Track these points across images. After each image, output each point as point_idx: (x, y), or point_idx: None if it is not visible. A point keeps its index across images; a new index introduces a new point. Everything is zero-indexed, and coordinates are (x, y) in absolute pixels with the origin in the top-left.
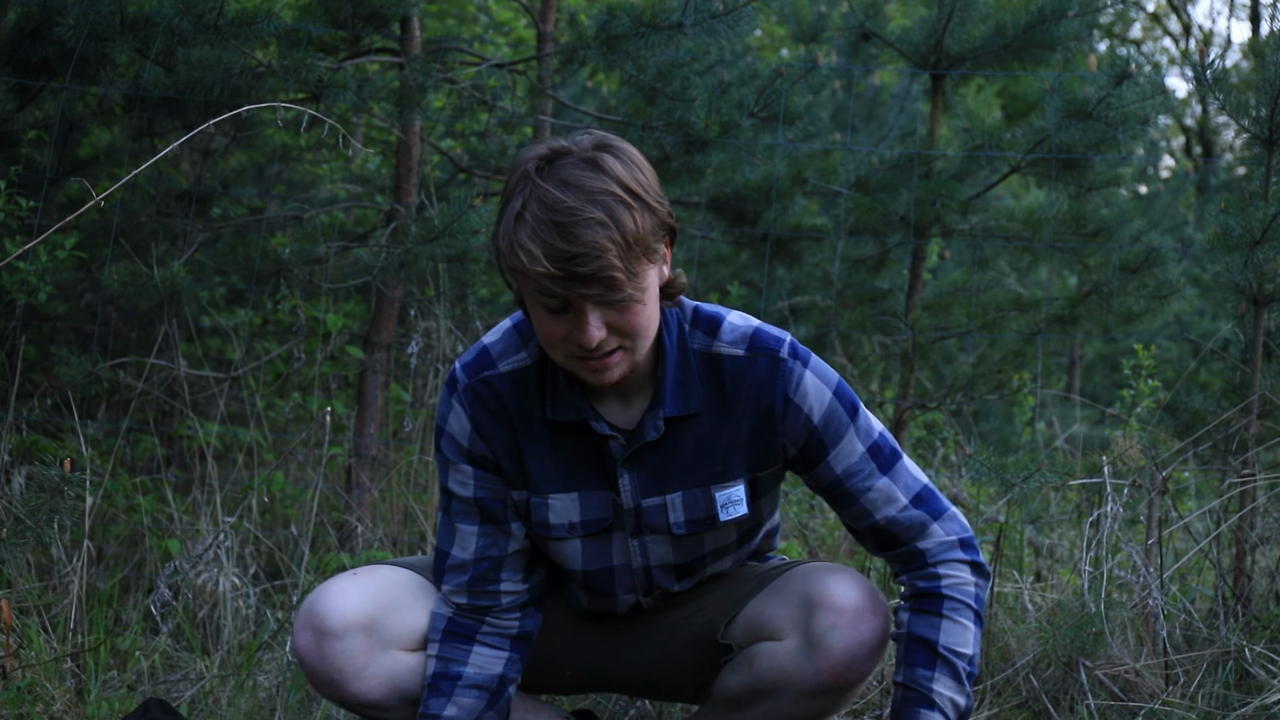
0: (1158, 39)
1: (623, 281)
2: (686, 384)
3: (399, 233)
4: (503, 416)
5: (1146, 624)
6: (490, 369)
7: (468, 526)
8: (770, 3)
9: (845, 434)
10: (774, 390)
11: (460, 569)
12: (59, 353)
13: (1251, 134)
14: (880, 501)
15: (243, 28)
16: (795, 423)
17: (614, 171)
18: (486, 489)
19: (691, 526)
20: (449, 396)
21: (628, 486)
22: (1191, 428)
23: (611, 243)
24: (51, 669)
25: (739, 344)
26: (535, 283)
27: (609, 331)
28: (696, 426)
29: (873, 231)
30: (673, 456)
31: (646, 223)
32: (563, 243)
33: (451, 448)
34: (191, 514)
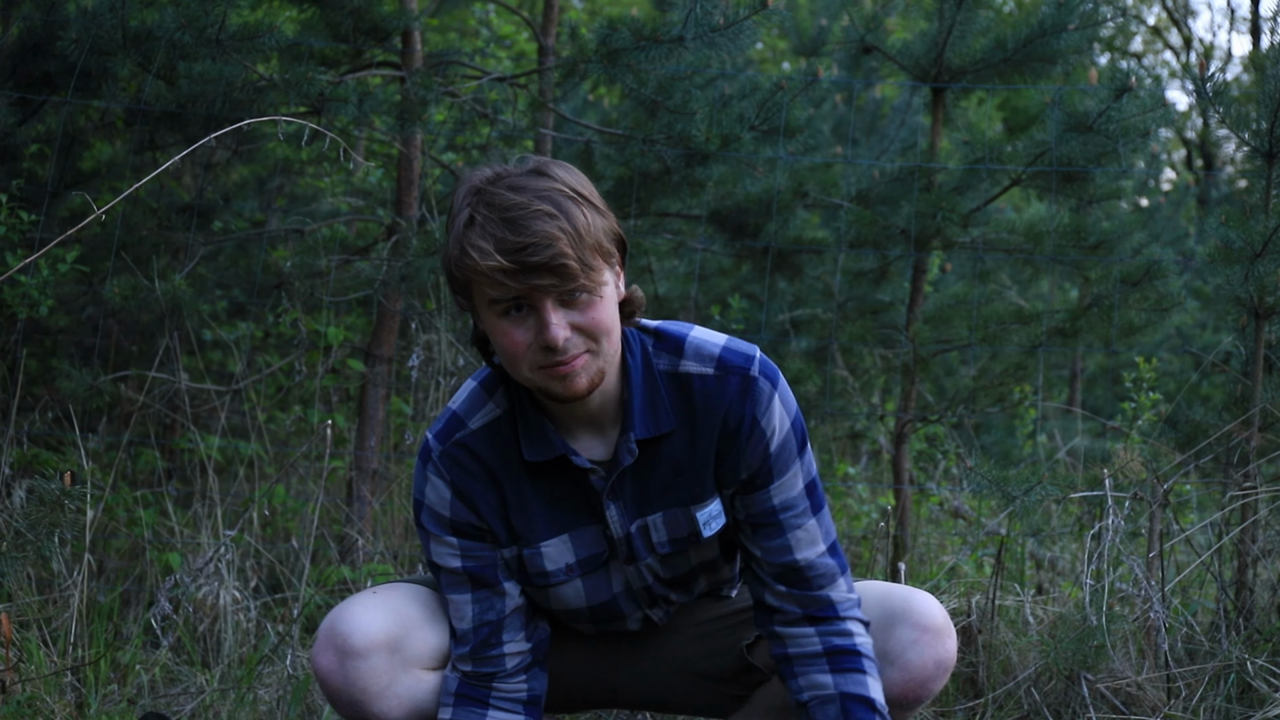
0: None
1: (576, 270)
2: (655, 405)
3: (400, 246)
4: (483, 475)
5: (1148, 637)
6: (461, 430)
7: (460, 596)
8: (771, 16)
9: (792, 467)
10: (743, 409)
11: (462, 639)
12: (60, 366)
13: (1252, 147)
14: (805, 542)
15: (244, 41)
16: (756, 446)
17: (559, 176)
18: (474, 557)
19: (675, 545)
20: (424, 468)
21: (615, 517)
22: (1193, 440)
23: (561, 232)
24: (51, 683)
25: (707, 363)
26: (489, 280)
27: (573, 331)
28: (669, 447)
29: (874, 244)
30: (650, 479)
31: (596, 221)
32: (513, 235)
33: (432, 520)
34: (192, 527)
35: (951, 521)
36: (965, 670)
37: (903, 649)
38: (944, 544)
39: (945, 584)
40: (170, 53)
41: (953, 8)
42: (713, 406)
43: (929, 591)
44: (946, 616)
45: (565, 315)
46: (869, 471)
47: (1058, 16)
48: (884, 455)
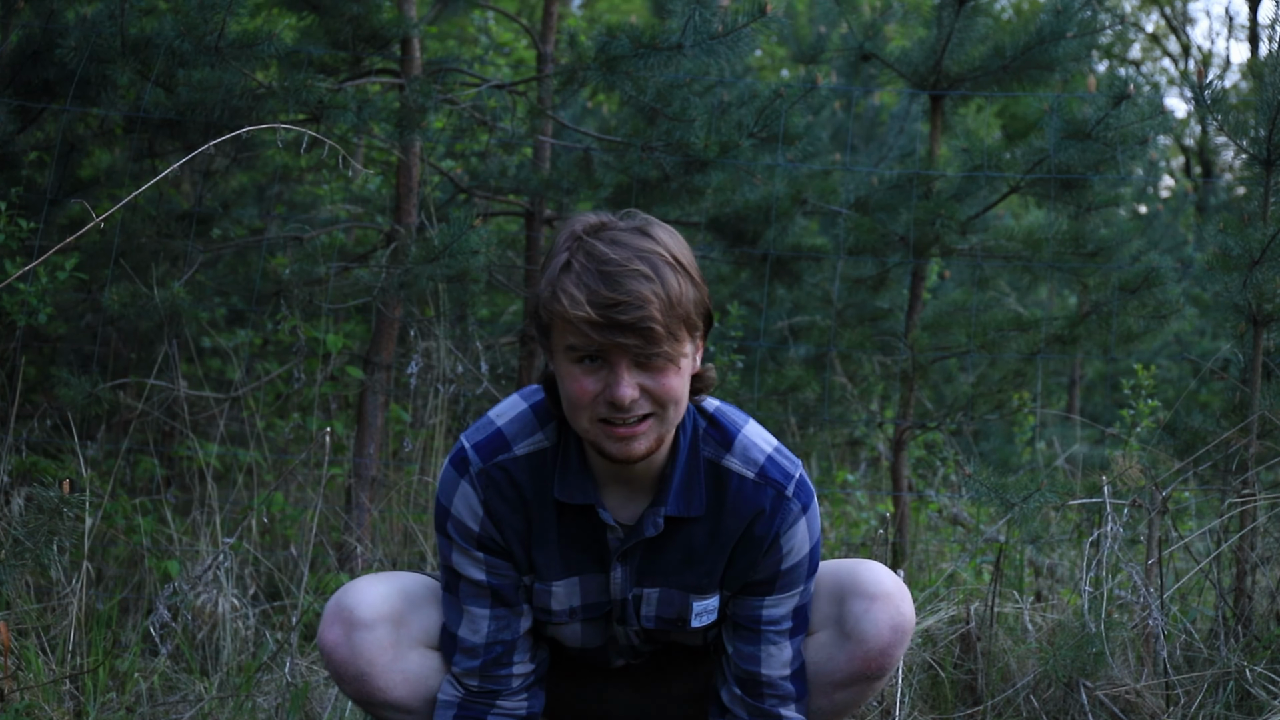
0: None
1: (661, 336)
2: (691, 487)
3: (399, 253)
4: (517, 502)
5: (1147, 644)
6: (505, 452)
7: (479, 609)
8: (769, 24)
9: (794, 589)
10: (771, 524)
11: (471, 653)
12: (59, 374)
13: (1250, 154)
14: (775, 660)
15: (243, 49)
16: (770, 561)
17: (662, 239)
18: (499, 575)
19: (660, 624)
20: (458, 478)
21: (619, 579)
22: (1191, 447)
23: (655, 296)
24: (50, 691)
25: (750, 466)
26: (574, 329)
27: (641, 394)
28: (689, 532)
29: (872, 251)
30: (661, 556)
31: (689, 292)
32: (607, 289)
33: (460, 532)
34: (191, 535)
35: (950, 528)
36: (964, 677)
37: (856, 620)
38: (943, 551)
39: (944, 591)
40: (169, 60)
41: (951, 15)
42: (742, 510)
43: (930, 598)
44: (898, 581)
45: (638, 377)
46: (868, 478)
47: (1056, 24)
48: (883, 462)
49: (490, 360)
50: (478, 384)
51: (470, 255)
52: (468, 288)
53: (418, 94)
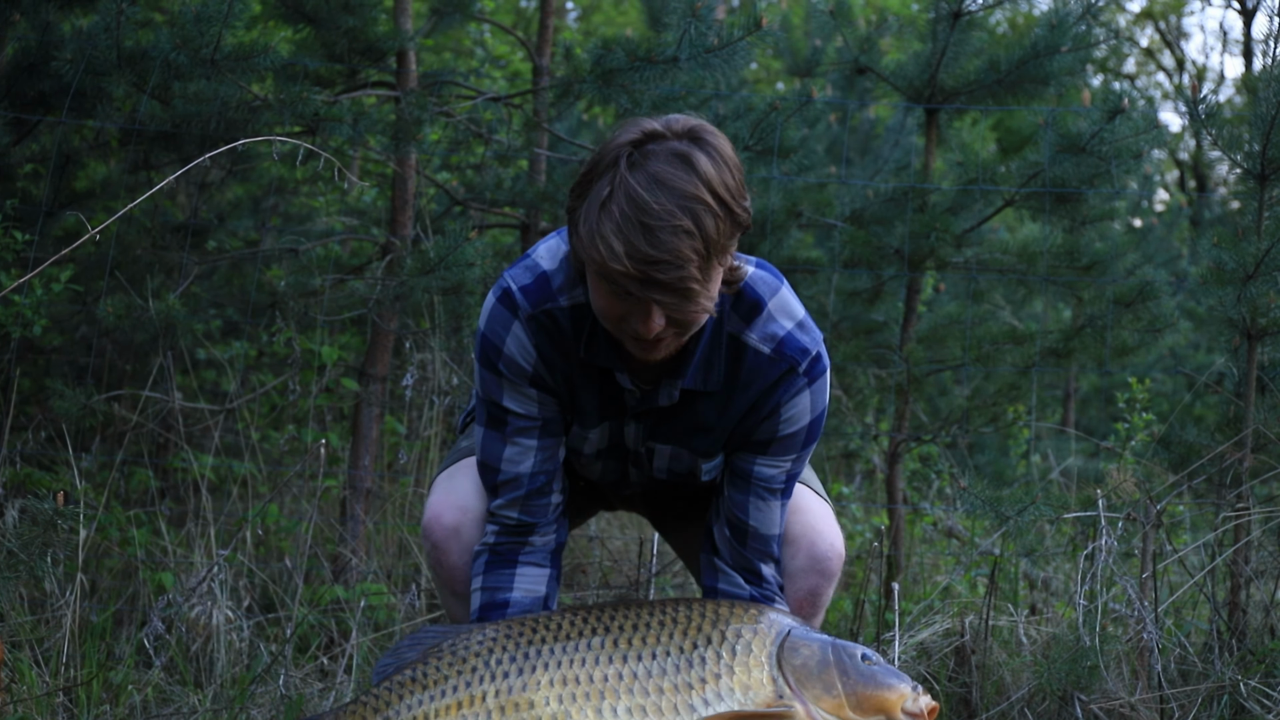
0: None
1: (698, 293)
2: (712, 363)
3: (394, 265)
4: (563, 346)
5: (1141, 658)
6: (552, 301)
7: (527, 441)
8: (765, 37)
9: (788, 455)
10: (774, 395)
11: (514, 484)
12: (54, 385)
13: (1244, 169)
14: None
15: (239, 62)
16: (769, 426)
17: (705, 173)
18: (548, 409)
19: (673, 476)
20: (508, 317)
21: (632, 433)
22: (1186, 461)
23: (694, 253)
24: (44, 703)
25: (768, 342)
26: (609, 277)
27: (667, 323)
28: (704, 403)
29: (867, 264)
30: (674, 421)
31: (726, 227)
32: (647, 245)
33: (512, 370)
34: (185, 547)
35: (945, 541)
36: (959, 691)
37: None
38: (938, 564)
39: (939, 604)
40: (165, 73)
41: (946, 29)
42: (753, 382)
43: (924, 611)
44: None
45: (664, 311)
46: (863, 491)
47: (1051, 38)
48: (878, 475)
49: None
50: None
51: (466, 267)
52: (463, 300)
53: (413, 106)
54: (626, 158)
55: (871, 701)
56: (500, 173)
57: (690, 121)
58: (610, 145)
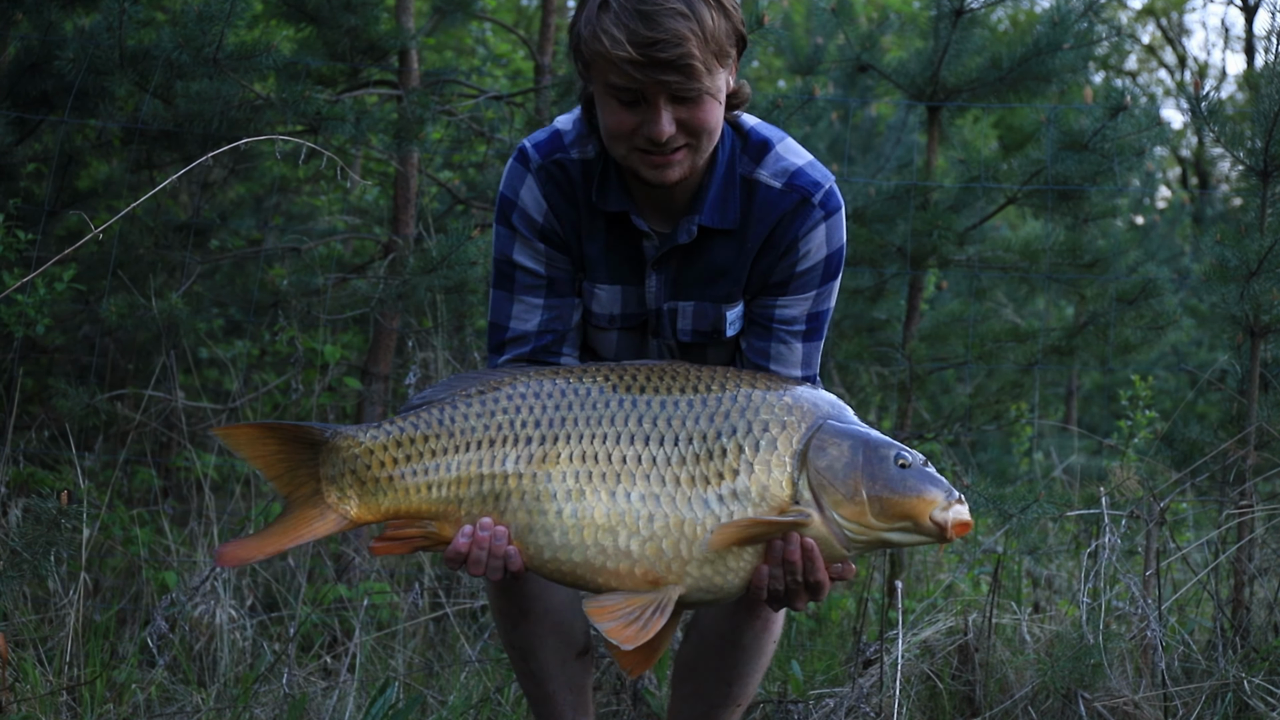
0: (1153, 71)
1: (700, 72)
2: (727, 201)
3: (397, 264)
4: (572, 198)
5: (1145, 655)
6: (563, 152)
7: (533, 299)
8: (766, 35)
9: (807, 291)
10: (790, 228)
11: (521, 340)
12: (57, 384)
13: (1247, 165)
14: (785, 358)
15: (241, 61)
16: (787, 264)
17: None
18: (557, 266)
19: (697, 337)
20: (522, 171)
21: (653, 288)
22: (1189, 459)
23: (692, 33)
24: (47, 702)
25: (779, 177)
26: (615, 68)
27: (678, 127)
28: (720, 245)
29: (870, 262)
30: (693, 269)
31: (722, 24)
32: (645, 29)
33: (524, 222)
34: (188, 546)
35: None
36: (962, 689)
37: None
38: (941, 562)
39: (942, 602)
40: (167, 72)
41: (948, 27)
42: (766, 217)
43: (928, 609)
44: None
45: (676, 111)
46: None
47: (1053, 35)
48: None
49: None
50: None
51: (468, 266)
52: (465, 298)
53: (415, 105)
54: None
55: (896, 508)
56: (502, 171)
57: None
58: None
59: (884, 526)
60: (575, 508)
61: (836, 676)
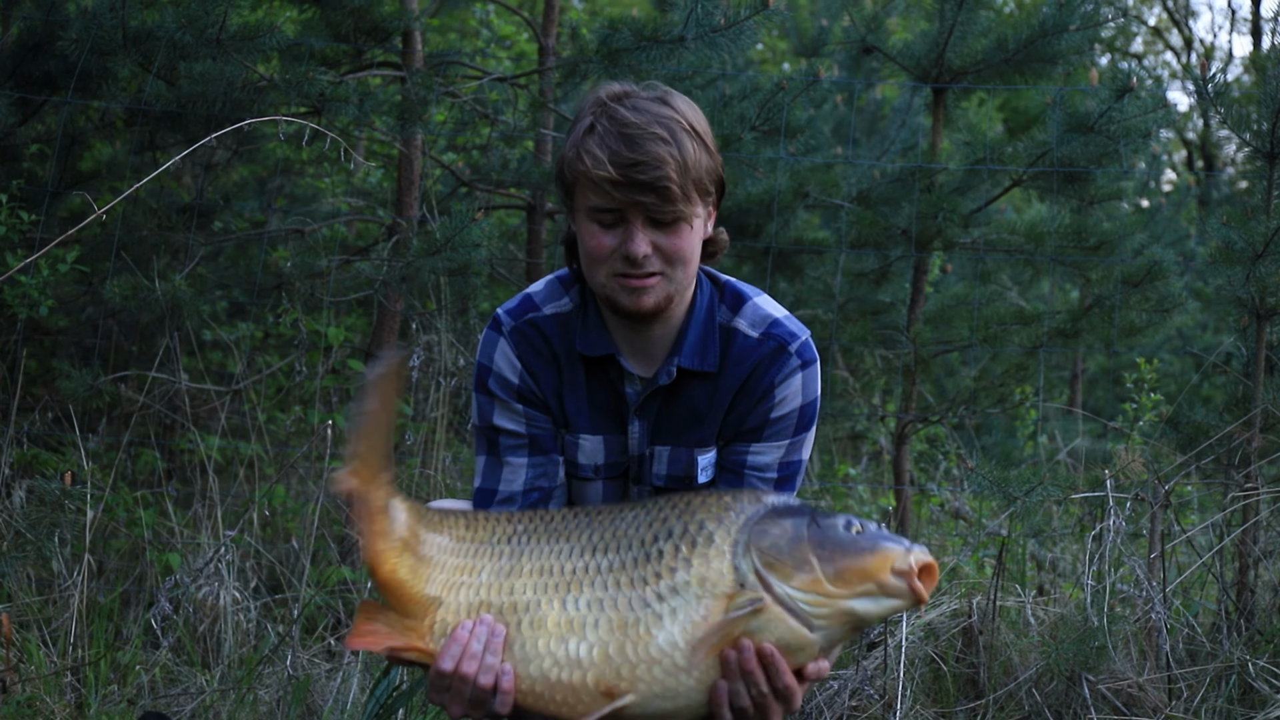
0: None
1: (677, 195)
2: (706, 344)
3: (400, 246)
4: (548, 355)
5: (1149, 638)
6: (534, 311)
7: (517, 459)
8: (771, 17)
9: (781, 440)
10: (767, 374)
11: (509, 501)
12: (60, 366)
13: (1253, 148)
14: None
15: (245, 42)
16: (762, 410)
17: (680, 109)
18: (537, 425)
19: (670, 482)
20: (494, 336)
21: (636, 434)
22: (1194, 441)
23: (671, 158)
24: (51, 683)
25: (757, 326)
26: (596, 187)
27: (654, 251)
28: (699, 388)
29: (874, 245)
30: (671, 412)
31: (704, 160)
32: (627, 150)
33: (500, 385)
34: (192, 528)
35: (952, 522)
36: (966, 671)
37: None
38: (945, 545)
39: (946, 585)
40: (171, 53)
41: (953, 8)
42: (743, 362)
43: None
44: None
45: (652, 235)
46: (869, 472)
47: (1059, 17)
48: (885, 456)
49: None
50: None
51: (472, 248)
52: (469, 281)
53: (419, 87)
54: (608, 98)
55: (853, 571)
56: (506, 153)
57: (661, 86)
58: (590, 95)
59: (845, 593)
60: (532, 618)
61: (840, 659)
